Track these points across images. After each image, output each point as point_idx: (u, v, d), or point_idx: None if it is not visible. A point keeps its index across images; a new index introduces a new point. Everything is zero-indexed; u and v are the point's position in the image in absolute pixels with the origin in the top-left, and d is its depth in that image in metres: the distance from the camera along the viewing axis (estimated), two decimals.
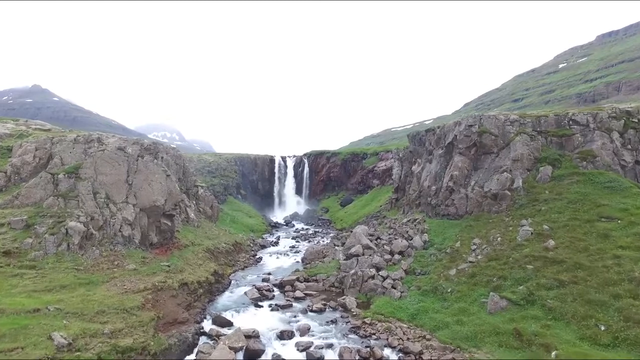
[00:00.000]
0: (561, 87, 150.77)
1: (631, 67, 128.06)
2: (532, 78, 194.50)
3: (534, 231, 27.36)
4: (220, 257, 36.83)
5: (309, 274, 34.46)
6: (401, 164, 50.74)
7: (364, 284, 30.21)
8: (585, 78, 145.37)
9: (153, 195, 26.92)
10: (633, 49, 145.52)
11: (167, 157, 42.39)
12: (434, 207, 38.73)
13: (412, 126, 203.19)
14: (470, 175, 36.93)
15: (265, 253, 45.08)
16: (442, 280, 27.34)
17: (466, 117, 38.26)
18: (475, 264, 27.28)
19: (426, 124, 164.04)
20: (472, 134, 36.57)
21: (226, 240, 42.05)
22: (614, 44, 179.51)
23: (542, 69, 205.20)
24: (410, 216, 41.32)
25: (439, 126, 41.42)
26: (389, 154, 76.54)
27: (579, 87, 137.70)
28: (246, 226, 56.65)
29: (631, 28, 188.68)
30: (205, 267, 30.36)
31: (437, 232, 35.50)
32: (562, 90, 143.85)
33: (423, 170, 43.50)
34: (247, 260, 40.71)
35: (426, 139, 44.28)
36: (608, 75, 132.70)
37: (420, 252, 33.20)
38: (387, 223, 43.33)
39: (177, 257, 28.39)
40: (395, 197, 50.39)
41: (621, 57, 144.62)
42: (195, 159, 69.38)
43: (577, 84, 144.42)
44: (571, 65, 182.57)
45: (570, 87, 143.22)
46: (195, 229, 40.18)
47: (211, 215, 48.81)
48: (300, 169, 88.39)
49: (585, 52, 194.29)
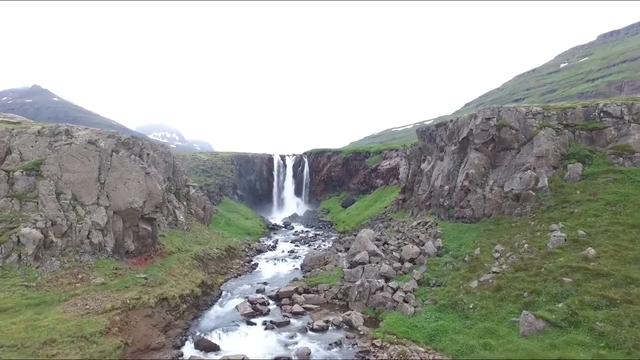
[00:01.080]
0: (563, 86, 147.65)
1: (633, 67, 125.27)
2: (533, 78, 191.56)
3: (568, 237, 23.79)
4: (211, 265, 33.27)
5: (309, 283, 30.91)
6: (408, 162, 47.17)
7: (371, 296, 26.64)
8: (587, 78, 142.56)
9: (129, 196, 23.38)
10: (635, 49, 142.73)
11: (154, 155, 38.85)
12: (447, 209, 35.15)
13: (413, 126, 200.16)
14: (487, 174, 33.38)
15: (261, 258, 41.52)
16: (462, 294, 23.77)
17: (482, 109, 34.70)
18: (500, 274, 23.71)
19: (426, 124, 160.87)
20: (489, 128, 33.02)
21: (219, 245, 38.50)
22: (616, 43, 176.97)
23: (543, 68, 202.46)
24: (421, 219, 37.74)
25: (452, 120, 37.87)
26: (393, 153, 73.04)
27: (580, 87, 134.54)
28: (242, 229, 53.10)
29: (633, 27, 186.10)
30: (192, 278, 26.80)
31: (451, 237, 31.94)
32: (563, 90, 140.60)
33: (434, 169, 39.94)
34: (241, 267, 37.16)
35: (437, 135, 40.72)
36: (610, 75, 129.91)
37: (434, 260, 29.65)
38: (395, 226, 39.75)
39: (158, 267, 24.83)
40: (402, 197, 46.82)
41: (623, 57, 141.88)
42: (189, 158, 65.85)
43: (579, 83, 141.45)
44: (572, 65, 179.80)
45: (572, 87, 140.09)
46: (184, 233, 36.62)
47: (203, 217, 45.26)
48: (300, 168, 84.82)
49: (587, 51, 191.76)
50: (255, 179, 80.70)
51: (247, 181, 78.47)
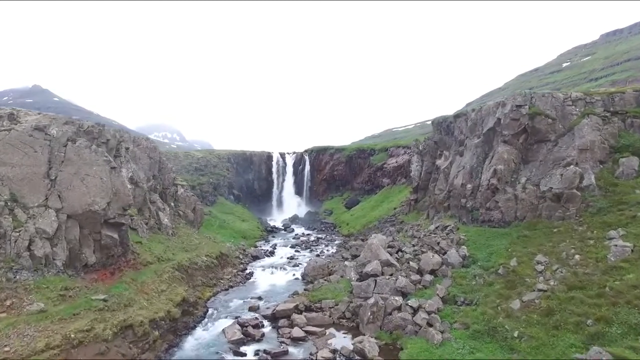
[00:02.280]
0: (565, 85, 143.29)
1: (637, 66, 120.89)
2: (535, 77, 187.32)
3: (635, 247, 19.13)
4: (197, 276, 28.67)
5: (312, 298, 26.33)
6: (421, 158, 42.52)
7: (387, 317, 22.05)
8: (590, 77, 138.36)
9: (88, 196, 18.86)
10: (638, 48, 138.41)
11: (135, 149, 34.28)
12: (470, 210, 30.52)
13: (414, 126, 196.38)
14: (518, 170, 28.75)
15: (257, 266, 36.92)
16: (502, 317, 19.16)
17: (512, 95, 30.09)
18: (549, 293, 19.07)
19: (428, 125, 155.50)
20: (520, 117, 28.38)
21: (209, 252, 33.90)
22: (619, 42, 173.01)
23: (546, 68, 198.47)
24: (439, 222, 33.09)
25: (474, 109, 33.23)
26: (400, 150, 68.37)
27: (584, 86, 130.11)
28: (237, 232, 48.50)
29: (636, 27, 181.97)
30: (170, 294, 22.20)
31: (478, 244, 27.32)
32: (566, 89, 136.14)
33: (452, 165, 35.30)
34: (233, 278, 32.56)
35: (455, 127, 36.08)
36: (614, 74, 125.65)
37: (460, 272, 25.04)
38: (409, 230, 35.09)
39: (126, 283, 20.24)
40: (415, 197, 42.18)
41: (626, 56, 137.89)
42: (181, 155, 61.25)
43: (582, 82, 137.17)
44: (575, 64, 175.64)
45: (575, 86, 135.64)
46: (167, 239, 32.02)
47: (193, 219, 40.67)
48: (301, 166, 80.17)
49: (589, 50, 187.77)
50: (253, 178, 76.10)
51: (244, 180, 73.87)
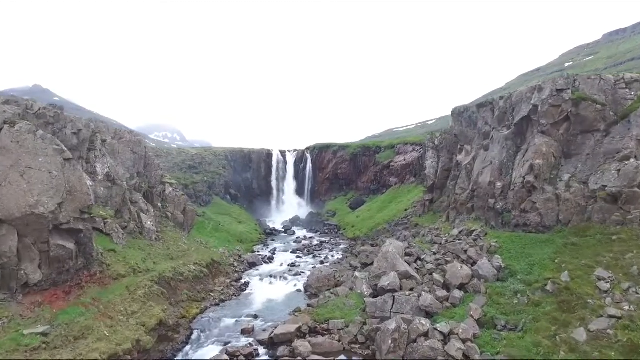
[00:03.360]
0: None
1: None
2: (537, 77, 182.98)
3: None
4: (182, 289, 24.44)
5: (317, 317, 22.11)
6: (437, 154, 38.23)
7: (411, 345, 17.78)
8: None
9: (30, 195, 14.66)
10: None
11: (113, 142, 30.05)
12: (501, 213, 26.26)
13: (415, 126, 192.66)
14: (559, 166, 24.53)
15: (254, 275, 32.70)
16: (564, 351, 14.92)
17: (551, 78, 25.87)
18: (626, 322, 14.83)
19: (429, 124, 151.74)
20: (562, 103, 24.15)
21: (199, 259, 29.69)
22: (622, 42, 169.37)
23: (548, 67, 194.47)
24: (462, 226, 28.85)
25: (502, 96, 28.95)
26: (408, 147, 64.12)
27: None
28: (233, 235, 44.28)
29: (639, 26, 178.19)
30: (143, 317, 17.96)
31: (514, 253, 23.08)
32: None
33: (475, 161, 31.05)
34: (226, 289, 28.33)
35: (479, 117, 31.82)
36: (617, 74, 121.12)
37: (495, 287, 20.79)
38: (427, 235, 30.81)
39: (84, 306, 16.03)
40: (430, 198, 37.91)
41: (630, 55, 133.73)
42: (174, 152, 56.98)
43: None
44: (577, 64, 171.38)
45: None
46: (150, 245, 27.81)
47: (183, 222, 36.44)
48: (302, 165, 75.88)
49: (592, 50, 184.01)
50: (251, 177, 71.86)
51: (242, 179, 69.65)
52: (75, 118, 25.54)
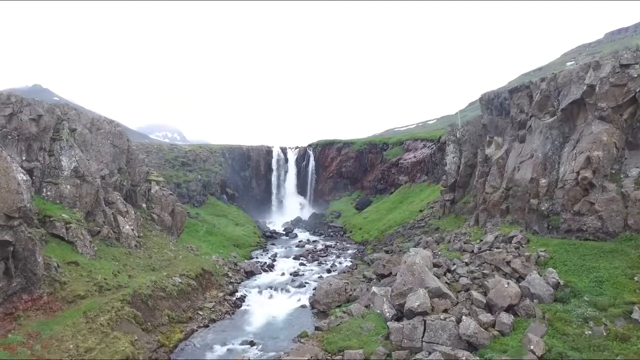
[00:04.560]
0: None
1: None
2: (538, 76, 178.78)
3: None
4: (162, 309, 20.05)
5: (328, 347, 17.80)
6: (459, 148, 33.82)
7: None
8: None
9: None
10: None
11: (85, 132, 25.66)
12: (546, 215, 21.90)
13: (415, 126, 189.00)
14: (622, 158, 20.16)
15: (252, 287, 28.36)
16: None
17: (610, 53, 21.50)
18: None
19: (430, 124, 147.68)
20: (628, 82, 19.81)
21: (186, 269, 25.33)
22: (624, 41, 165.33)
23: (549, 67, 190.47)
24: (496, 230, 24.47)
25: (543, 78, 24.55)
26: (419, 143, 59.76)
27: None
28: (229, 239, 39.91)
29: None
30: (101, 355, 13.52)
31: (570, 266, 18.71)
32: None
33: (509, 154, 26.69)
34: (218, 306, 23.97)
35: (512, 104, 27.43)
36: None
37: (555, 310, 16.41)
38: (453, 241, 26.41)
39: (8, 349, 11.60)
40: (451, 198, 33.51)
41: None
42: (165, 148, 52.55)
43: None
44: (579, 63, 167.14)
45: None
46: (128, 253, 23.46)
47: (171, 225, 32.08)
48: (305, 163, 71.53)
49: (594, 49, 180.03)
50: (250, 176, 67.52)
51: (241, 178, 65.33)
52: (34, 101, 21.18)
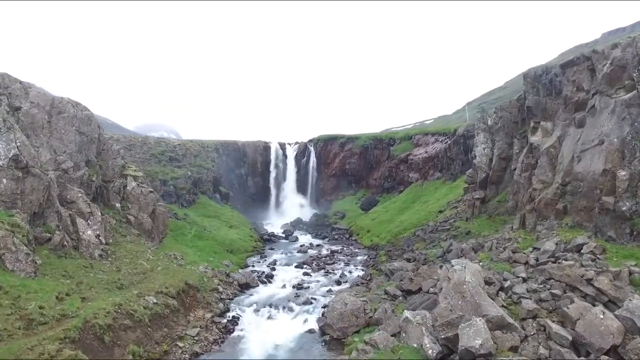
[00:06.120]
0: None
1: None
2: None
3: None
4: (128, 341, 14.99)
5: None
6: (491, 137, 28.89)
7: None
8: None
9: None
10: None
11: (33, 111, 20.50)
12: (629, 217, 17.00)
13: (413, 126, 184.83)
14: None
15: (247, 305, 23.26)
16: None
17: None
18: None
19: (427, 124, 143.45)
20: None
21: (165, 285, 20.25)
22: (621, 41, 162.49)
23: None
24: (553, 237, 19.50)
25: (616, 44, 19.65)
26: (429, 138, 54.88)
27: None
28: (221, 244, 34.83)
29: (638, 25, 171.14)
30: None
31: None
32: None
33: (563, 142, 21.75)
34: (203, 333, 18.88)
35: (565, 81, 22.50)
36: None
37: None
38: (497, 250, 21.39)
39: None
40: (481, 196, 28.58)
41: None
42: (151, 141, 47.23)
43: None
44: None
45: None
46: (87, 267, 18.39)
47: (151, 228, 26.95)
48: (305, 159, 66.48)
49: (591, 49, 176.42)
50: (246, 173, 62.42)
51: (236, 176, 60.25)
52: None
